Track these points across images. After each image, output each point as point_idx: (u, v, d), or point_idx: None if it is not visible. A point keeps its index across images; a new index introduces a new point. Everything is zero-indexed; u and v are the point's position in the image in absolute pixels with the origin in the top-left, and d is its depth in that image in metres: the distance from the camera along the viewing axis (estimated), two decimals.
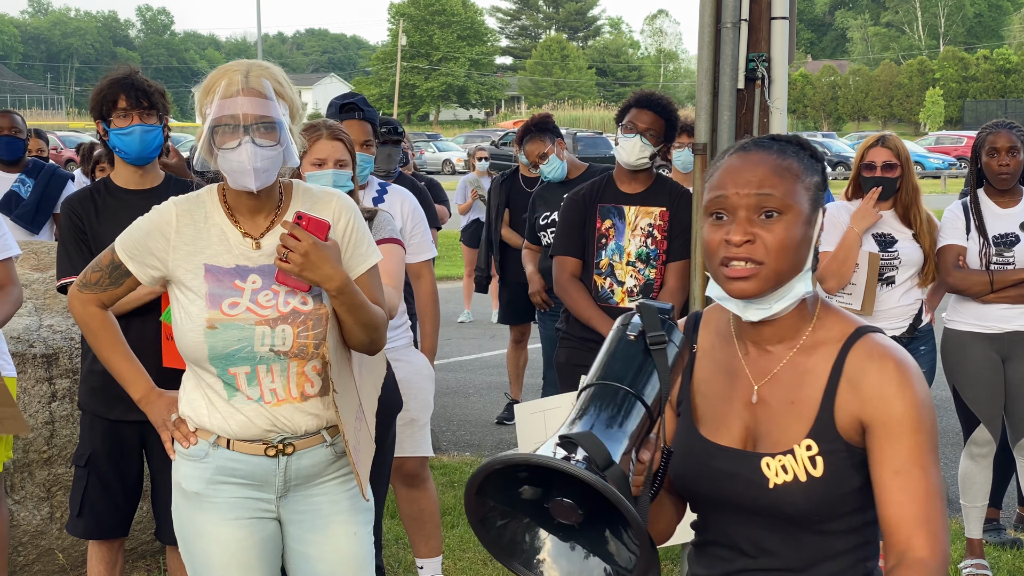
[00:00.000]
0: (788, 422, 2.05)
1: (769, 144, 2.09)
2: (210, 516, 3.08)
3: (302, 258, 2.88)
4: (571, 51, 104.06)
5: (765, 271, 2.00)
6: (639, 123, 4.95)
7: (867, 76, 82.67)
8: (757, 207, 2.01)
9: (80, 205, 4.12)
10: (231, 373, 3.00)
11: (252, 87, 2.94)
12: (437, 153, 48.40)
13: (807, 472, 2.01)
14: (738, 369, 2.14)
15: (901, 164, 5.23)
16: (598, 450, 1.68)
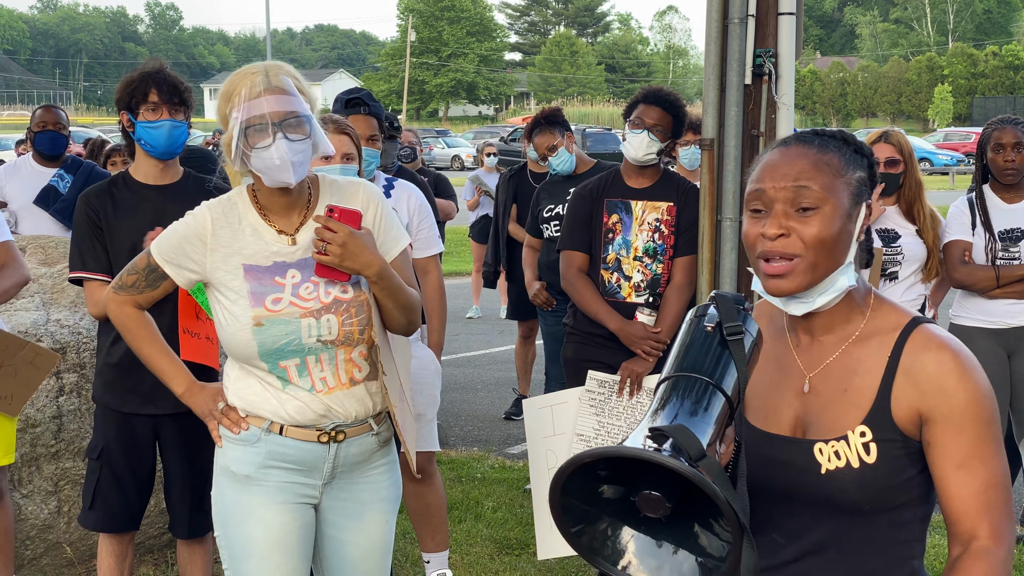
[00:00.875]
0: (842, 410, 2.04)
1: (811, 139, 2.09)
2: (257, 499, 3.14)
3: (340, 248, 2.97)
4: (580, 47, 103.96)
5: (801, 265, 2.00)
6: (647, 119, 4.95)
7: (876, 72, 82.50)
8: (793, 201, 2.02)
9: (97, 199, 4.13)
10: (281, 367, 3.08)
11: (274, 85, 3.01)
12: (446, 149, 48.39)
13: (860, 459, 2.00)
14: (789, 360, 2.14)
15: (904, 160, 5.23)
16: (690, 441, 1.66)
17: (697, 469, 1.61)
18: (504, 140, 38.79)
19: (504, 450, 7.95)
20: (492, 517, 6.21)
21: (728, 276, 4.89)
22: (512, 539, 5.87)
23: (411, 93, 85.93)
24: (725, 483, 1.65)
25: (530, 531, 5.81)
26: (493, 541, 5.85)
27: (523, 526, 5.99)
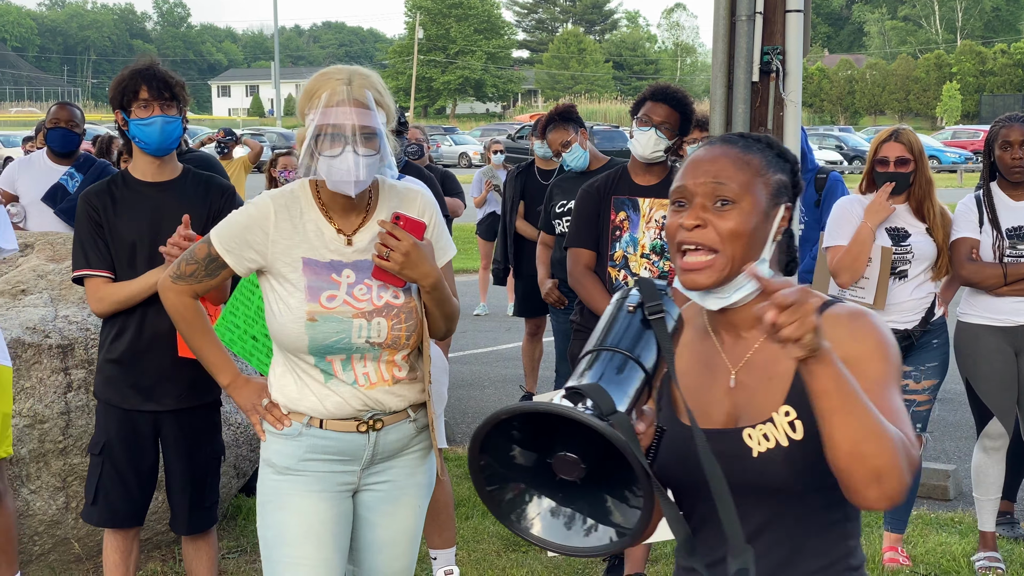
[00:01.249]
0: (766, 396, 2.10)
1: (736, 140, 2.18)
2: (295, 488, 3.20)
3: (403, 257, 3.08)
4: (588, 45, 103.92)
5: (719, 261, 2.07)
6: (654, 116, 4.95)
7: (884, 70, 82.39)
8: (712, 195, 2.09)
9: (97, 198, 4.14)
10: (328, 360, 3.15)
11: (355, 97, 3.07)
12: (453, 146, 48.43)
13: (788, 436, 2.05)
14: (715, 359, 2.19)
15: (914, 158, 5.22)
16: (603, 399, 1.72)
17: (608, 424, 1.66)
18: (511, 137, 38.80)
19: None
20: None
21: None
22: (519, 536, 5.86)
23: (418, 90, 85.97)
24: (634, 440, 1.69)
25: None
26: (500, 538, 5.86)
27: None
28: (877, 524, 6.01)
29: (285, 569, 3.19)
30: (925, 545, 5.81)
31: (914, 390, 5.34)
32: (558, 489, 1.81)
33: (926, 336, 5.30)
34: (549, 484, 1.81)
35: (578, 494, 1.81)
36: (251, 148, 13.23)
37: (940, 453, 7.67)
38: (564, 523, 1.81)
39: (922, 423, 5.42)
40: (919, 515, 6.26)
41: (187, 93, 4.21)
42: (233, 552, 5.61)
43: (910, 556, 5.59)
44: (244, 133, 45.95)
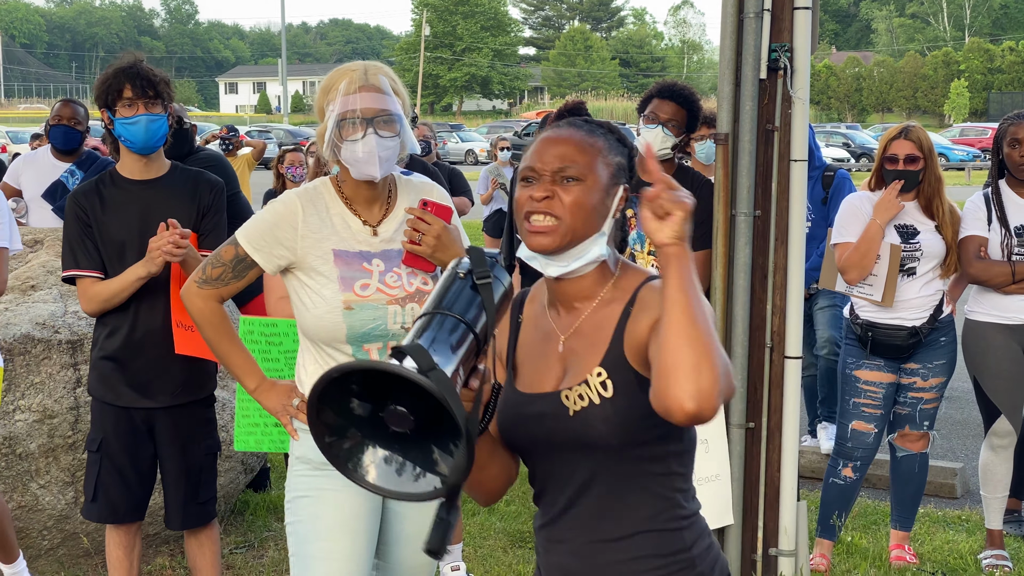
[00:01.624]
0: (586, 359, 2.29)
1: (580, 124, 2.38)
2: (331, 483, 3.21)
3: (435, 240, 3.19)
4: (594, 42, 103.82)
5: (562, 227, 2.26)
6: (661, 113, 4.95)
7: (892, 67, 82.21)
8: (559, 172, 2.28)
9: (85, 198, 4.14)
10: (365, 349, 3.20)
11: (371, 83, 3.17)
12: (460, 143, 48.40)
13: (600, 395, 2.24)
14: (550, 329, 2.38)
15: (924, 156, 5.21)
16: (423, 356, 1.86)
17: (425, 377, 1.81)
18: (518, 134, 38.80)
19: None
20: (505, 510, 6.22)
21: (742, 270, 4.89)
22: (525, 532, 5.88)
23: (425, 87, 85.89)
24: (452, 392, 1.83)
25: None
26: (506, 534, 5.87)
27: None
28: (884, 522, 6.01)
29: (318, 563, 3.21)
30: (932, 543, 5.81)
31: (922, 387, 5.34)
32: (393, 440, 1.95)
33: (934, 334, 5.30)
34: (384, 435, 1.95)
35: (410, 445, 1.95)
36: (254, 147, 13.23)
37: (947, 451, 7.67)
38: (395, 471, 1.96)
39: (929, 421, 5.42)
40: (926, 513, 6.26)
41: (172, 89, 4.20)
42: (241, 547, 5.63)
43: (917, 554, 5.59)
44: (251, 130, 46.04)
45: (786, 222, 4.88)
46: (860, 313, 5.35)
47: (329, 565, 3.20)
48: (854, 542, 5.78)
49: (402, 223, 3.25)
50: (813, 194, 7.00)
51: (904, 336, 5.26)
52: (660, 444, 2.27)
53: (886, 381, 5.32)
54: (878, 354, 5.31)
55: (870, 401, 5.31)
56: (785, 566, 4.98)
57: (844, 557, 5.59)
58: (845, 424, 5.38)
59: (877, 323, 5.29)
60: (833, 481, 5.43)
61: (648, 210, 2.02)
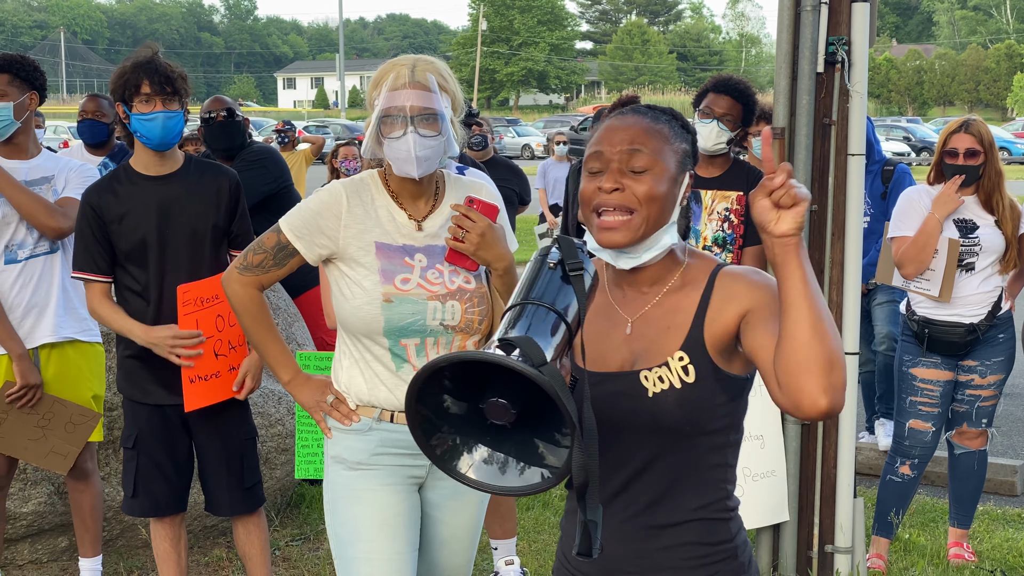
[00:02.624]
0: (662, 343, 2.27)
1: (644, 111, 2.34)
2: (368, 483, 3.20)
3: (479, 238, 3.12)
4: (652, 36, 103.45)
5: (635, 220, 2.23)
6: (716, 108, 4.93)
7: (953, 60, 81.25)
8: (627, 162, 2.25)
9: (98, 195, 4.11)
10: (402, 344, 3.16)
11: (417, 80, 3.12)
12: (516, 138, 48.40)
13: (681, 379, 2.23)
14: (613, 311, 2.36)
15: (984, 150, 5.15)
16: (534, 350, 1.83)
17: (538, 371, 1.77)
18: (575, 129, 38.71)
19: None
20: (560, 505, 6.22)
21: None
22: None
23: (482, 82, 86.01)
24: (563, 387, 1.79)
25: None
26: (561, 529, 5.86)
27: None
28: (943, 519, 5.95)
29: (361, 565, 3.17)
30: (991, 541, 5.75)
31: (979, 385, 5.28)
32: (487, 434, 1.93)
33: (992, 330, 5.24)
34: (478, 430, 1.93)
35: (506, 438, 1.92)
36: (313, 142, 13.32)
37: (1007, 448, 7.57)
38: (498, 467, 1.93)
39: (988, 418, 5.36)
40: (985, 511, 6.19)
41: (189, 85, 4.17)
42: (297, 539, 5.67)
43: (975, 552, 5.53)
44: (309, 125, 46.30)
45: (843, 217, 4.85)
46: (917, 309, 5.29)
47: (372, 567, 3.16)
48: (912, 540, 5.73)
49: (447, 219, 3.21)
50: (872, 189, 6.94)
51: (962, 333, 5.20)
52: (722, 434, 2.28)
53: (943, 379, 5.27)
54: (935, 351, 5.25)
55: (927, 399, 5.26)
56: (841, 563, 4.95)
57: (901, 555, 5.54)
58: (902, 422, 5.33)
59: (934, 320, 5.23)
60: (890, 478, 5.38)
61: (767, 200, 2.00)
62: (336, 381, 3.29)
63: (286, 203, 6.06)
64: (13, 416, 4.55)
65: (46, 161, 4.70)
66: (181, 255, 4.11)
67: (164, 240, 4.08)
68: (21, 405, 4.53)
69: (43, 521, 5.15)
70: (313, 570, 5.29)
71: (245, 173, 6.19)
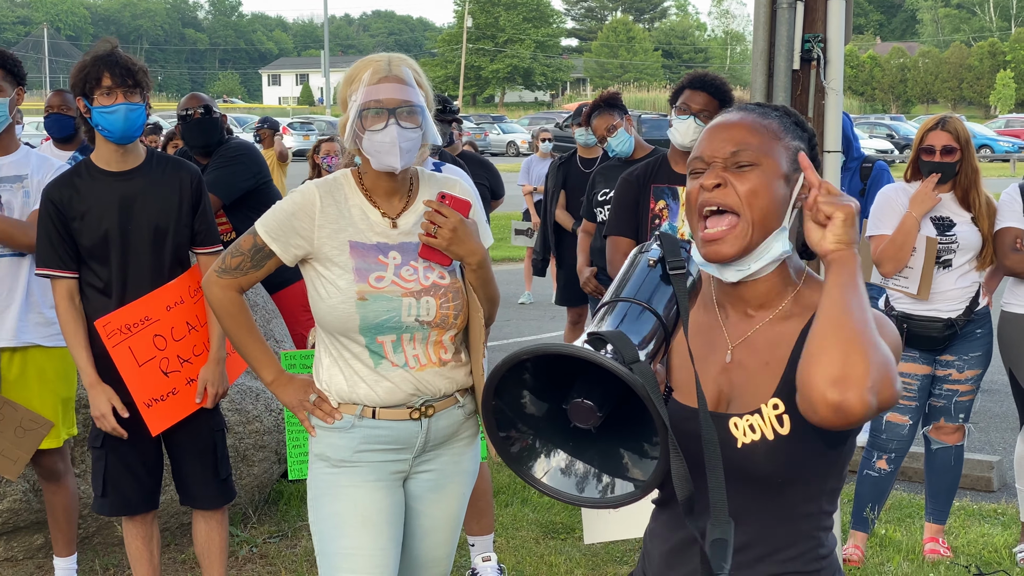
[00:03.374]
0: (759, 383, 2.05)
1: (752, 107, 2.16)
2: (351, 480, 3.22)
3: (451, 233, 3.15)
4: (637, 33, 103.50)
5: (741, 225, 2.03)
6: (693, 104, 4.94)
7: (937, 58, 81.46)
8: (732, 158, 2.06)
9: (58, 191, 4.09)
10: (379, 341, 3.18)
11: (395, 74, 3.16)
12: (501, 135, 48.41)
13: (774, 431, 2.01)
14: (716, 333, 2.15)
15: (961, 147, 5.16)
16: (627, 346, 1.68)
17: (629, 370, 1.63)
18: (560, 126, 38.71)
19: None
20: (538, 501, 6.23)
21: None
22: (558, 523, 5.89)
23: (467, 79, 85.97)
24: (655, 389, 1.64)
25: (576, 515, 5.82)
26: (539, 525, 5.88)
27: (569, 511, 6.01)
28: (919, 515, 5.97)
29: (343, 560, 3.20)
30: (967, 536, 5.77)
31: (957, 380, 5.30)
32: (568, 439, 1.79)
33: (969, 326, 5.26)
34: (559, 434, 1.80)
35: (589, 446, 1.78)
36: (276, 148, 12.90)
37: (984, 444, 7.60)
38: (576, 477, 1.79)
39: (965, 413, 5.38)
40: (961, 506, 6.22)
41: (150, 79, 4.14)
42: (274, 536, 5.66)
43: (951, 547, 5.55)
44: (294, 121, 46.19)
45: None
46: (895, 305, 5.31)
47: (354, 562, 3.19)
48: (888, 535, 5.75)
49: (421, 216, 3.23)
50: (851, 186, 6.95)
51: (940, 328, 5.22)
52: (819, 482, 2.07)
53: (921, 373, 5.29)
54: (913, 346, 5.27)
55: (905, 393, 5.28)
56: None
57: (877, 550, 5.56)
58: (880, 416, 5.34)
59: (913, 315, 5.25)
60: (867, 473, 5.40)
61: (810, 219, 1.90)
62: (317, 379, 3.30)
63: (265, 199, 6.05)
64: None
65: (22, 158, 4.67)
66: (143, 251, 4.11)
67: (126, 236, 4.06)
68: None
69: (18, 519, 5.13)
70: (291, 567, 5.29)
71: (223, 169, 6.18)
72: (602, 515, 4.57)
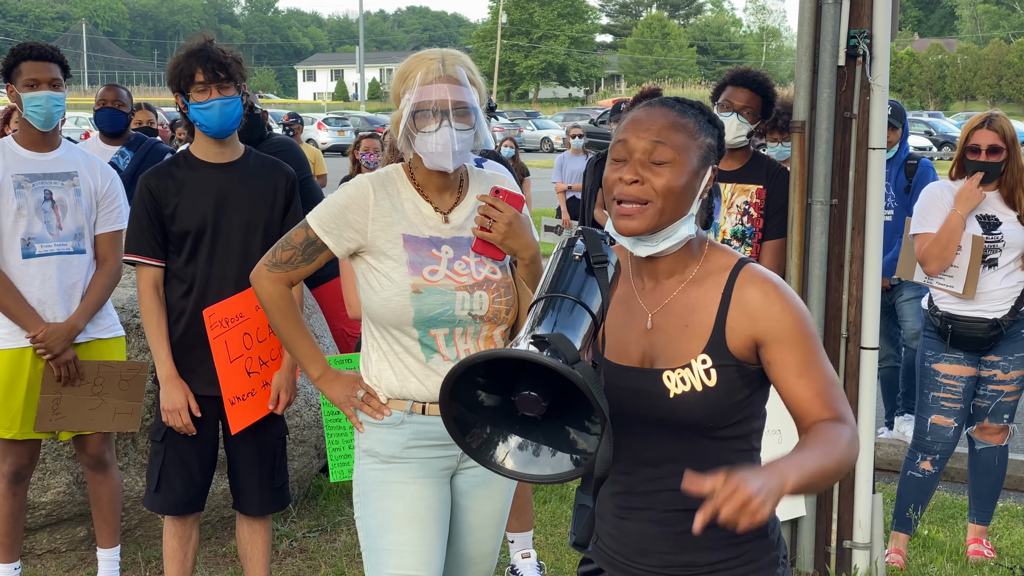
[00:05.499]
0: (684, 341, 2.32)
1: (673, 103, 2.36)
2: (400, 476, 3.22)
3: (506, 227, 3.15)
4: (672, 29, 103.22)
5: (651, 210, 2.28)
6: (735, 101, 4.91)
7: (976, 55, 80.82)
8: (650, 154, 2.28)
9: (157, 179, 4.10)
10: (431, 335, 3.18)
11: (449, 74, 3.15)
12: (536, 131, 48.40)
13: (703, 383, 2.28)
14: (634, 301, 2.41)
15: (1007, 146, 5.10)
16: (567, 347, 1.88)
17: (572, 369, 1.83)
18: (594, 122, 38.68)
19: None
20: None
21: (818, 259, 4.84)
22: None
23: (501, 75, 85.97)
24: (596, 383, 1.86)
25: None
26: None
27: None
28: (962, 516, 5.92)
29: (390, 556, 3.19)
30: (1010, 537, 5.72)
31: (1001, 380, 5.25)
32: (517, 423, 1.99)
33: (1015, 326, 5.20)
34: (510, 420, 1.99)
35: (536, 426, 1.99)
36: None
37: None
38: (531, 455, 2.00)
39: (1009, 414, 5.32)
40: (1005, 507, 6.16)
41: (244, 68, 4.15)
42: (314, 531, 5.68)
43: (995, 548, 5.50)
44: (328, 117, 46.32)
45: (863, 211, 4.82)
46: (939, 305, 5.26)
47: (401, 558, 3.18)
48: (931, 536, 5.70)
49: (473, 211, 3.23)
50: (896, 183, 6.91)
51: (985, 329, 5.17)
52: (746, 423, 2.35)
53: (966, 375, 5.23)
54: (958, 347, 5.22)
55: (949, 395, 5.23)
56: (859, 559, 4.93)
57: (920, 551, 5.52)
58: (924, 418, 5.30)
59: (957, 315, 5.19)
60: (911, 474, 5.35)
61: None
62: (365, 375, 3.29)
63: (307, 195, 6.05)
64: (66, 393, 4.56)
65: (67, 153, 4.69)
66: (233, 245, 4.10)
67: (218, 228, 4.06)
68: (66, 382, 4.54)
69: (62, 511, 5.16)
70: (330, 562, 5.30)
71: None
72: None
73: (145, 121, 8.01)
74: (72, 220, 4.61)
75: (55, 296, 4.57)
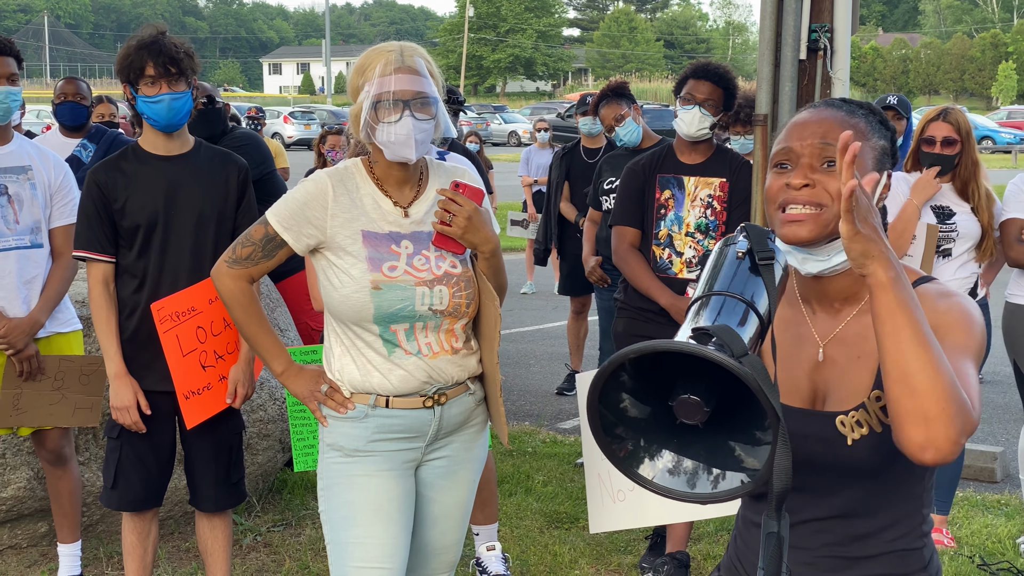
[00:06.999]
0: (856, 377, 2.07)
1: (840, 104, 2.15)
2: (364, 469, 3.22)
3: (466, 221, 3.16)
4: (639, 23, 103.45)
5: (825, 215, 2.02)
6: (697, 94, 4.93)
7: (939, 49, 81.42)
8: (820, 155, 2.05)
9: (106, 174, 4.04)
10: (392, 330, 3.17)
11: (408, 65, 3.15)
12: (503, 125, 48.42)
13: (880, 421, 2.04)
14: (804, 330, 2.16)
15: (961, 139, 5.16)
16: (734, 339, 1.64)
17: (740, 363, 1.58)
18: (561, 116, 38.71)
19: (555, 425, 7.97)
20: (543, 491, 6.24)
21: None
22: (562, 513, 5.89)
23: (468, 68, 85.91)
24: (766, 379, 1.60)
25: (580, 506, 5.83)
26: (543, 515, 5.88)
27: (573, 500, 6.02)
28: None
29: (354, 549, 3.19)
30: (970, 527, 5.77)
31: None
32: (672, 437, 1.75)
33: None
34: (663, 434, 1.76)
35: (694, 441, 1.74)
36: None
37: (987, 435, 7.60)
38: (686, 475, 1.75)
39: None
40: (965, 497, 6.22)
41: (196, 63, 4.08)
42: (278, 525, 5.67)
43: (955, 538, 5.55)
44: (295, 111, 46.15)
45: None
46: None
47: (366, 551, 3.19)
48: None
49: (433, 205, 3.23)
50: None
51: None
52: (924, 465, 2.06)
53: None
54: None
55: None
56: None
57: None
58: None
59: None
60: None
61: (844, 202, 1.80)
62: (328, 369, 3.29)
63: (271, 189, 6.04)
64: (27, 388, 4.54)
65: (20, 147, 4.64)
66: (184, 239, 4.06)
67: (169, 222, 4.02)
68: (27, 377, 4.52)
69: (22, 506, 5.13)
70: (295, 556, 5.29)
71: None
72: (607, 505, 4.57)
73: (107, 115, 7.97)
74: (29, 214, 4.58)
75: (14, 291, 4.53)
